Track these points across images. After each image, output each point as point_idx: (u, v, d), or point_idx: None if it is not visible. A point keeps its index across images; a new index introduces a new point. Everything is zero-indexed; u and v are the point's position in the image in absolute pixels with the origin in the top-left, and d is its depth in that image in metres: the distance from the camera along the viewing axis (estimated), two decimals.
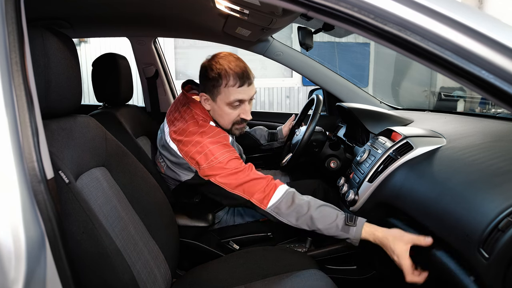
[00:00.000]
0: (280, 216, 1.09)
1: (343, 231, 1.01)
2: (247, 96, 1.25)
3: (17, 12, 0.55)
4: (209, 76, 1.24)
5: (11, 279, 0.47)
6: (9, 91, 0.52)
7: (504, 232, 0.61)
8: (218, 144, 1.19)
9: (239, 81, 1.21)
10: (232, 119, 1.28)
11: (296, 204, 1.07)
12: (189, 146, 1.21)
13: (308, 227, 1.06)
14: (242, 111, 1.27)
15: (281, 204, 1.09)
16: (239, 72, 1.21)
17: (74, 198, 0.70)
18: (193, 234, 1.34)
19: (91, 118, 0.97)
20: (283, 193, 1.10)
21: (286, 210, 1.08)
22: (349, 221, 1.01)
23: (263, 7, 1.12)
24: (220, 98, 1.24)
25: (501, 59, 0.51)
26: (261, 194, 1.11)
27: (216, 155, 1.17)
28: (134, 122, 1.71)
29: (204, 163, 1.17)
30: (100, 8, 1.48)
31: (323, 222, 1.03)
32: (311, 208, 1.05)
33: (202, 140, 1.19)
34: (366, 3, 0.55)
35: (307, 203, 1.07)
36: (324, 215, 1.04)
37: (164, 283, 0.99)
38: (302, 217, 1.05)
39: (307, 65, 1.91)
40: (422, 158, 0.97)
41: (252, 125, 2.17)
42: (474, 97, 3.64)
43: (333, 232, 1.02)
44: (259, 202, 1.11)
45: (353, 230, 1.00)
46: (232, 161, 1.17)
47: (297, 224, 1.07)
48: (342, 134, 1.78)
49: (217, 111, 1.28)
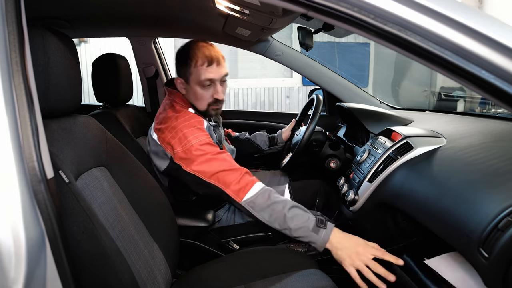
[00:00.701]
0: (254, 211, 1.10)
1: (313, 232, 1.02)
2: (217, 75, 1.28)
3: (17, 12, 0.55)
4: (180, 59, 1.31)
5: (11, 279, 0.47)
6: (9, 90, 0.52)
7: (504, 232, 0.61)
8: (192, 128, 1.23)
9: (207, 61, 1.26)
10: (207, 100, 1.31)
11: (272, 202, 1.09)
12: (166, 132, 1.25)
13: (279, 225, 1.07)
14: (214, 92, 1.30)
15: (257, 199, 1.10)
16: (208, 53, 1.26)
17: (74, 198, 0.70)
18: (193, 234, 1.34)
19: (91, 118, 0.97)
20: (260, 189, 1.12)
21: (261, 206, 1.09)
22: (320, 224, 1.04)
23: (263, 7, 1.12)
24: (192, 79, 1.29)
25: (501, 59, 0.51)
26: (236, 186, 1.13)
27: (189, 138, 1.20)
28: (134, 122, 1.71)
29: (178, 147, 1.21)
30: (100, 8, 1.48)
31: (295, 222, 1.04)
32: (285, 207, 1.07)
33: (177, 124, 1.24)
34: (366, 3, 0.55)
35: (282, 201, 1.09)
36: (296, 214, 1.06)
37: (164, 283, 0.99)
38: (275, 215, 1.07)
39: (307, 65, 1.91)
40: (422, 158, 0.97)
41: (252, 125, 2.17)
42: (474, 97, 3.64)
43: (302, 232, 1.03)
44: (234, 194, 1.13)
45: (322, 232, 1.02)
46: (205, 146, 1.20)
47: (269, 221, 1.08)
48: (342, 134, 1.78)
49: (191, 93, 1.32)
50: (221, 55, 1.31)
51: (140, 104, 2.31)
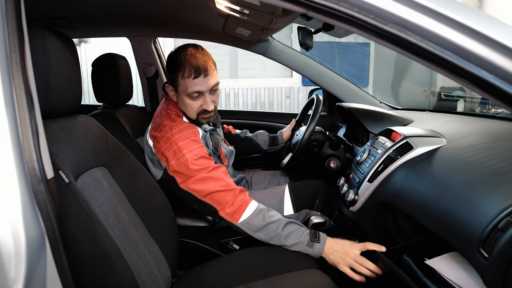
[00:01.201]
0: (251, 231, 1.13)
1: (308, 246, 1.10)
2: (204, 88, 1.24)
3: (17, 12, 0.55)
4: (169, 67, 1.27)
5: (11, 279, 0.47)
6: (9, 91, 0.52)
7: (504, 232, 0.61)
8: (187, 140, 1.22)
9: (194, 73, 1.20)
10: (195, 110, 1.28)
11: (267, 222, 1.12)
12: (161, 142, 1.24)
13: (275, 243, 1.13)
14: (203, 102, 1.26)
15: (252, 221, 1.13)
16: (194, 64, 1.20)
17: (74, 198, 0.70)
18: (193, 234, 1.34)
19: (91, 118, 0.97)
20: (254, 210, 1.14)
21: (257, 226, 1.12)
22: (314, 238, 1.11)
23: (263, 7, 1.12)
24: (180, 90, 1.26)
25: (501, 59, 0.51)
26: (231, 208, 1.14)
27: (183, 151, 1.19)
28: (134, 122, 1.71)
29: (172, 160, 1.20)
30: (100, 8, 1.48)
31: (291, 239, 1.10)
32: (280, 226, 1.11)
33: (171, 136, 1.23)
34: (366, 3, 0.55)
35: (277, 221, 1.13)
36: (291, 231, 1.11)
37: (164, 283, 0.99)
38: (271, 234, 1.11)
39: (307, 65, 1.91)
40: (422, 158, 0.97)
41: (253, 125, 2.17)
42: (474, 97, 3.64)
43: (298, 248, 1.11)
44: (229, 217, 1.15)
45: (316, 246, 1.10)
46: (200, 160, 1.19)
47: (266, 240, 1.13)
48: (342, 134, 1.78)
49: (181, 102, 1.30)
50: (211, 64, 1.25)
51: (140, 104, 2.31)
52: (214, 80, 1.26)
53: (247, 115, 2.31)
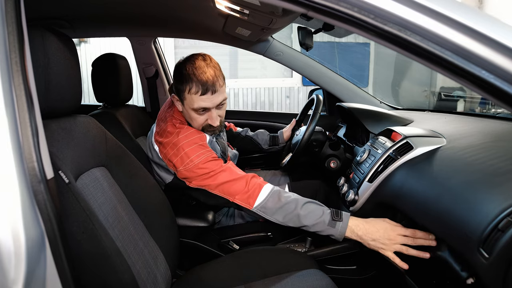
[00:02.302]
0: (267, 215, 1.10)
1: (330, 226, 1.03)
2: (211, 104, 1.19)
3: (17, 12, 0.55)
4: (176, 79, 1.22)
5: (11, 279, 0.47)
6: (9, 91, 0.52)
7: (504, 232, 0.61)
8: (194, 146, 1.19)
9: (201, 89, 1.16)
10: (200, 124, 1.25)
11: (283, 203, 1.08)
12: (167, 148, 1.22)
13: (294, 224, 1.07)
14: (208, 117, 1.23)
15: (268, 203, 1.09)
16: (203, 80, 1.15)
17: (74, 198, 0.70)
18: (193, 234, 1.34)
19: (91, 118, 0.97)
20: (269, 192, 1.11)
21: (273, 209, 1.09)
22: (336, 217, 1.04)
23: (263, 7, 1.12)
24: (186, 103, 1.22)
25: (501, 59, 0.51)
26: (244, 195, 1.12)
27: (191, 157, 1.17)
28: (134, 122, 1.71)
29: (180, 166, 1.19)
30: (100, 8, 1.48)
31: (310, 219, 1.05)
32: (298, 206, 1.06)
33: (178, 142, 1.20)
34: (366, 3, 0.55)
35: (294, 200, 1.08)
36: (310, 211, 1.06)
37: (164, 283, 0.99)
38: (289, 215, 1.07)
39: (307, 65, 1.91)
40: (422, 158, 0.97)
41: (253, 125, 2.17)
42: (474, 97, 3.64)
43: (319, 227, 1.04)
44: (244, 202, 1.12)
45: (339, 225, 1.03)
46: (208, 163, 1.17)
47: (283, 222, 1.08)
48: (342, 134, 1.78)
49: (186, 114, 1.27)
50: (220, 78, 1.20)
51: (140, 104, 2.31)
52: (222, 97, 1.21)
53: (247, 115, 2.31)
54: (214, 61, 1.23)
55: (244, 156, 2.12)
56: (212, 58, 1.24)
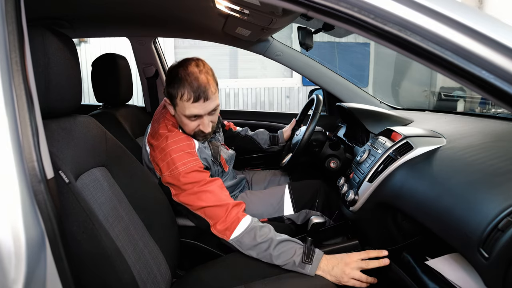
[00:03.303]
0: (242, 249, 1.10)
1: (300, 267, 1.03)
2: (203, 111, 1.19)
3: (17, 12, 0.55)
4: (168, 84, 1.21)
5: (11, 279, 0.47)
6: (9, 91, 0.52)
7: (504, 232, 0.61)
8: (181, 153, 1.18)
9: (193, 96, 1.15)
10: (192, 129, 1.24)
11: (258, 242, 1.07)
12: (156, 152, 1.22)
13: (267, 261, 1.07)
14: (200, 123, 1.22)
15: (244, 239, 1.09)
16: (195, 87, 1.14)
17: (74, 198, 0.70)
18: (193, 234, 1.34)
19: (91, 118, 0.97)
20: (246, 227, 1.10)
21: (248, 245, 1.09)
22: (306, 259, 1.03)
23: (263, 7, 1.12)
24: (177, 109, 1.21)
25: (501, 59, 0.51)
26: (222, 225, 1.11)
27: (177, 164, 1.16)
28: (134, 122, 1.71)
29: (166, 171, 1.18)
30: (100, 8, 1.48)
31: (281, 259, 1.05)
32: (271, 246, 1.06)
33: (166, 147, 1.20)
34: (366, 3, 0.55)
35: (268, 240, 1.07)
36: (282, 252, 1.05)
37: (164, 283, 0.99)
38: (262, 253, 1.07)
39: (307, 65, 1.91)
40: (422, 158, 0.97)
41: (253, 125, 2.17)
42: (474, 97, 3.64)
43: (290, 267, 1.04)
44: (221, 234, 1.12)
45: (308, 268, 1.03)
46: (193, 173, 1.16)
47: (257, 257, 1.09)
48: (342, 134, 1.78)
49: (178, 119, 1.26)
50: (212, 85, 1.18)
51: (140, 104, 2.31)
52: (214, 104, 1.20)
53: (247, 115, 2.31)
54: (207, 67, 1.22)
55: (244, 156, 2.12)
56: (205, 64, 1.23)
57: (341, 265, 1.02)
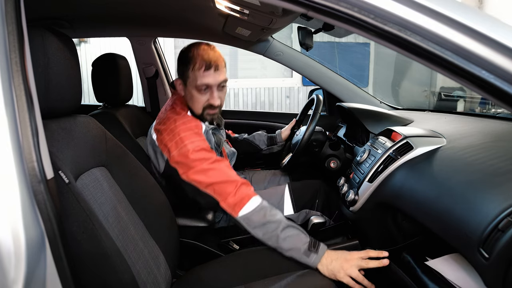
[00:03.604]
0: (249, 227, 1.10)
1: (305, 255, 1.03)
2: (213, 81, 1.26)
3: (17, 12, 0.55)
4: (180, 61, 1.31)
5: (11, 279, 0.47)
6: (9, 91, 0.52)
7: (504, 232, 0.61)
8: (190, 132, 1.23)
9: (204, 65, 1.24)
10: (202, 104, 1.30)
11: (267, 221, 1.07)
12: (164, 134, 1.26)
13: (272, 244, 1.07)
14: (210, 97, 1.29)
15: (253, 217, 1.09)
16: (206, 57, 1.24)
17: (74, 198, 0.70)
18: (193, 234, 1.34)
19: (91, 118, 0.97)
20: (256, 206, 1.11)
21: (256, 224, 1.08)
22: (312, 247, 1.03)
23: (263, 7, 1.12)
24: (189, 83, 1.28)
25: (501, 59, 0.51)
26: (232, 199, 1.11)
27: (185, 142, 1.20)
28: (134, 122, 1.71)
29: (174, 150, 1.21)
30: (100, 8, 1.48)
31: (287, 243, 1.05)
32: (279, 228, 1.06)
33: (175, 128, 1.24)
34: (366, 3, 0.55)
35: (277, 222, 1.07)
36: (289, 235, 1.05)
37: (164, 283, 0.99)
38: (268, 234, 1.07)
39: (307, 65, 1.91)
40: (422, 158, 0.97)
41: (252, 125, 2.17)
42: (474, 97, 3.64)
43: (293, 253, 1.04)
44: (230, 209, 1.12)
45: (313, 256, 1.02)
46: (201, 152, 1.19)
47: (262, 239, 1.08)
48: (342, 134, 1.78)
49: (188, 96, 1.31)
50: (222, 60, 1.29)
51: (140, 104, 2.31)
52: (223, 76, 1.29)
53: (247, 115, 2.31)
54: (216, 48, 1.31)
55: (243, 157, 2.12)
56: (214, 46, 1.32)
57: (341, 260, 1.01)
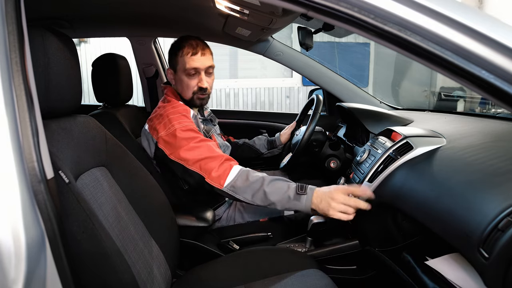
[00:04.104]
0: (237, 194, 1.13)
1: (296, 200, 1.05)
2: (201, 65, 1.34)
3: (17, 12, 0.55)
4: (170, 52, 1.41)
5: (11, 279, 0.47)
6: (9, 91, 0.52)
7: (504, 232, 0.61)
8: (178, 114, 1.29)
9: (192, 50, 1.33)
10: (191, 88, 1.37)
11: (250, 181, 1.11)
12: (154, 120, 1.34)
13: (262, 202, 1.10)
14: (199, 80, 1.36)
15: (237, 182, 1.13)
16: (194, 44, 1.35)
17: (74, 198, 0.70)
18: (193, 234, 1.34)
19: (91, 118, 0.97)
20: (238, 172, 1.15)
21: (241, 187, 1.12)
22: (300, 190, 1.06)
23: (263, 7, 1.12)
24: (179, 69, 1.37)
25: (501, 59, 0.51)
26: (216, 173, 1.16)
27: (173, 122, 1.26)
28: (134, 122, 1.71)
29: (162, 131, 1.27)
30: (100, 8, 1.48)
31: (276, 195, 1.07)
32: (264, 183, 1.10)
33: (164, 112, 1.32)
34: (366, 3, 0.55)
35: (261, 178, 1.11)
36: (276, 187, 1.09)
37: (164, 283, 0.99)
38: (257, 193, 1.10)
39: (307, 65, 1.91)
40: (422, 158, 0.97)
41: (253, 125, 2.17)
42: (474, 97, 3.64)
43: (285, 203, 1.07)
44: (215, 182, 1.15)
45: (303, 198, 1.05)
46: (188, 131, 1.24)
47: (252, 201, 1.11)
48: (342, 134, 1.78)
49: (178, 82, 1.40)
50: (209, 49, 1.38)
51: (140, 104, 2.31)
52: (210, 62, 1.38)
53: (247, 115, 2.31)
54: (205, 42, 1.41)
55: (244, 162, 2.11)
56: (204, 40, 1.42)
57: (328, 199, 1.03)
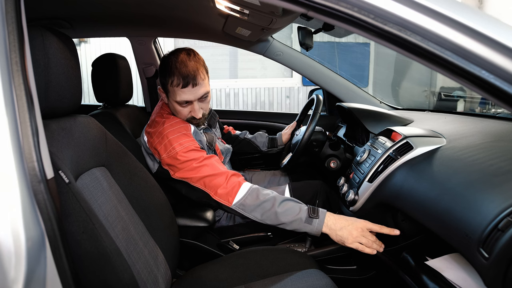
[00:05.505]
0: (246, 212, 1.11)
1: (307, 223, 1.04)
2: (192, 97, 1.25)
3: (17, 12, 0.55)
4: (161, 73, 1.28)
5: (11, 279, 0.47)
6: (9, 91, 0.52)
7: (504, 232, 0.61)
8: (178, 134, 1.24)
9: (182, 82, 1.21)
10: (184, 116, 1.31)
11: (261, 200, 1.09)
12: (154, 137, 1.28)
13: (272, 222, 1.08)
14: (191, 110, 1.28)
15: (246, 201, 1.11)
16: (184, 73, 1.21)
17: (74, 198, 0.70)
18: (193, 234, 1.34)
19: (91, 118, 0.97)
20: (248, 190, 1.13)
21: (251, 206, 1.10)
22: (312, 214, 1.05)
23: (263, 7, 1.12)
24: (170, 96, 1.28)
25: (501, 59, 0.51)
26: (223, 190, 1.14)
27: (174, 145, 1.21)
28: (134, 122, 1.71)
29: (164, 153, 1.23)
30: (100, 8, 1.48)
31: (287, 216, 1.06)
32: (275, 204, 1.08)
33: (163, 131, 1.26)
34: (366, 3, 0.55)
35: (272, 198, 1.09)
36: (288, 208, 1.07)
37: (164, 283, 0.99)
38: (267, 213, 1.08)
39: (307, 65, 1.91)
40: (422, 158, 0.97)
41: (253, 125, 2.17)
42: (474, 97, 3.64)
43: (296, 225, 1.06)
44: (223, 199, 1.13)
45: (315, 222, 1.04)
46: (190, 152, 1.20)
47: (262, 220, 1.10)
48: (342, 134, 1.78)
49: (171, 107, 1.32)
50: (202, 72, 1.24)
51: (140, 104, 2.31)
52: (203, 90, 1.26)
53: (247, 115, 2.31)
54: (198, 56, 1.28)
55: (244, 157, 2.12)
56: (196, 53, 1.29)
57: (351, 227, 1.02)
